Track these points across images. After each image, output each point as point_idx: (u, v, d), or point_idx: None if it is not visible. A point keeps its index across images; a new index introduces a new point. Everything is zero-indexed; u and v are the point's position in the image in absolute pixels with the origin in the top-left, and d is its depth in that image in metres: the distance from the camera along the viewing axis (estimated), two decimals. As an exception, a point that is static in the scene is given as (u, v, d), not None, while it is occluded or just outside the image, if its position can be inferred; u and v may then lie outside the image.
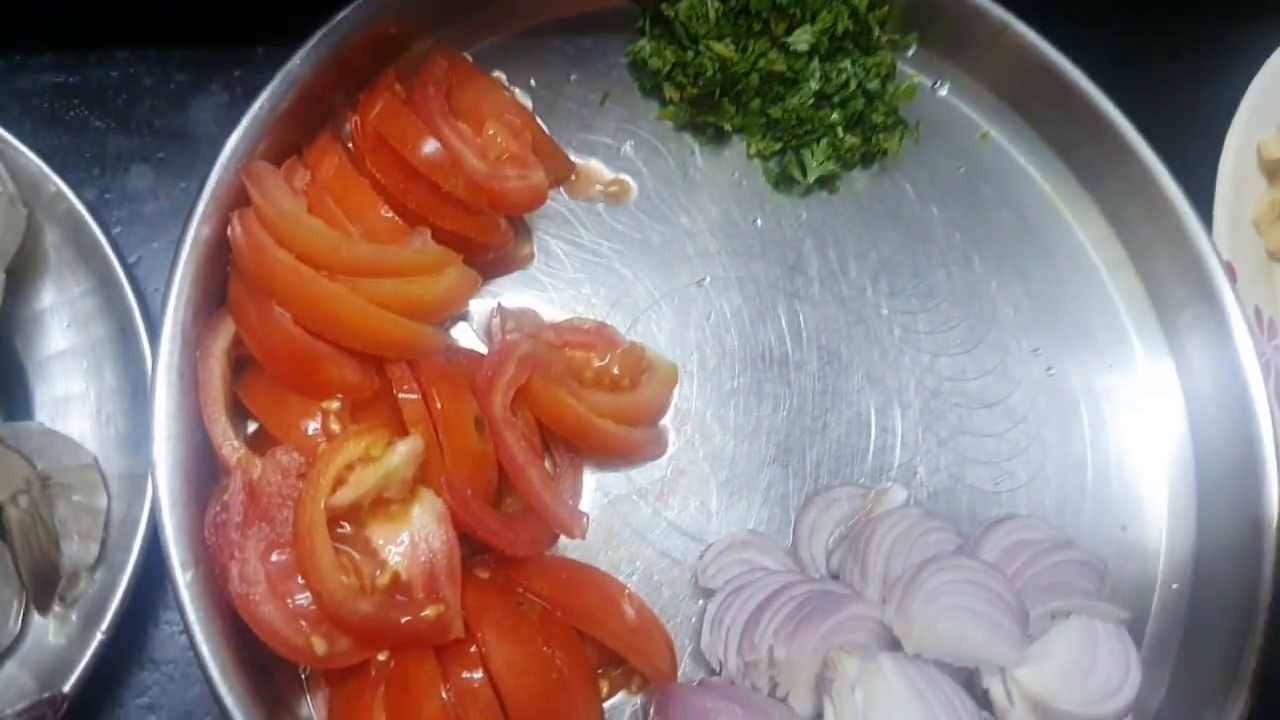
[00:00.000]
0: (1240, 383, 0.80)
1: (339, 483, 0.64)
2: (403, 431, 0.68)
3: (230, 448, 0.66)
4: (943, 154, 0.87)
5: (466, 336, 0.79)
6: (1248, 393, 0.79)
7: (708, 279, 0.83)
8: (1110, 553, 0.80)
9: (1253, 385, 0.79)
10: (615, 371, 0.77)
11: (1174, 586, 0.80)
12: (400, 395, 0.68)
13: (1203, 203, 0.86)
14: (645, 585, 0.76)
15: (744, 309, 0.83)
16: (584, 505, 0.77)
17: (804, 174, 0.84)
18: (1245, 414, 0.79)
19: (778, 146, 0.85)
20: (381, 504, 0.66)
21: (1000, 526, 0.77)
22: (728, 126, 0.85)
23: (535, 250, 0.82)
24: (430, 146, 0.72)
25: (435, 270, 0.71)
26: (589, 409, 0.74)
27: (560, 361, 0.76)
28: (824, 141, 0.84)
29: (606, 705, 0.73)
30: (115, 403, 0.72)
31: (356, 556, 0.66)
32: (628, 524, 0.78)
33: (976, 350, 0.84)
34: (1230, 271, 0.85)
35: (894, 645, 0.71)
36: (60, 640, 0.67)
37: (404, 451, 0.66)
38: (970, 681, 0.71)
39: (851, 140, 0.84)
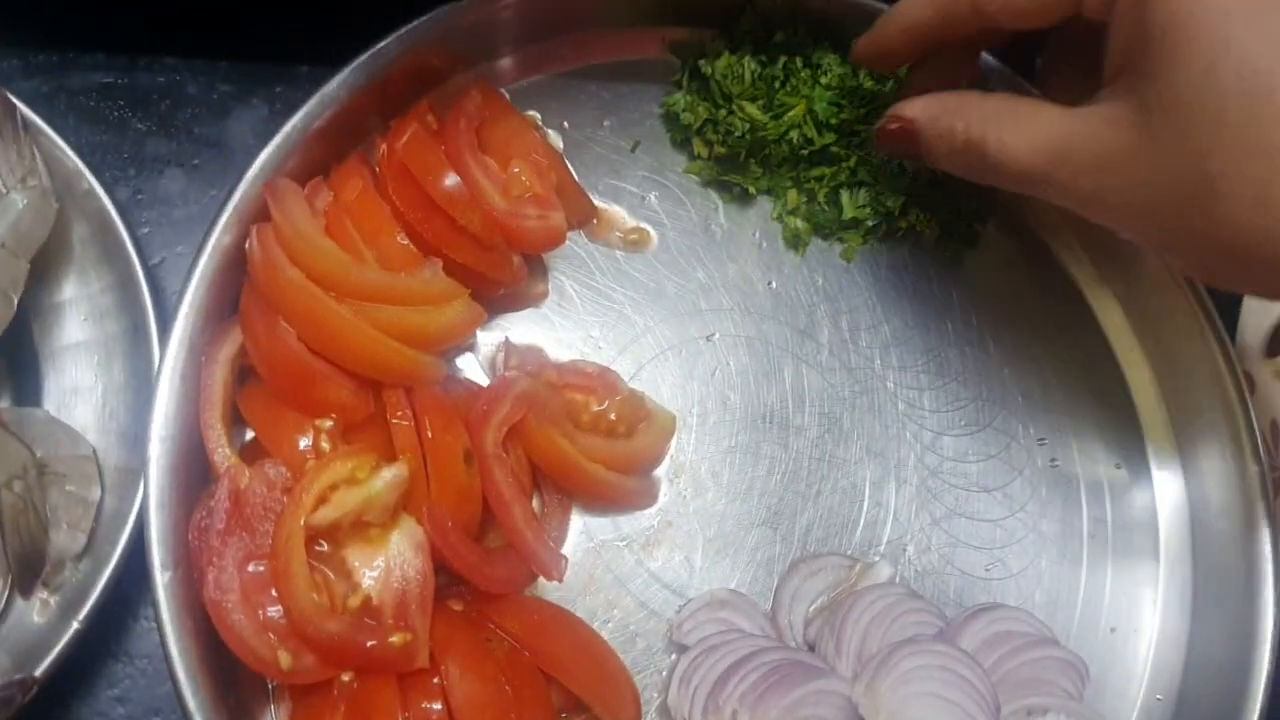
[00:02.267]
0: (1248, 500, 0.78)
1: (321, 501, 0.65)
2: (392, 457, 0.69)
3: (222, 454, 0.68)
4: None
5: (471, 367, 0.80)
6: (1255, 511, 0.78)
7: (717, 335, 0.83)
8: (1095, 655, 0.78)
9: (1259, 507, 0.78)
10: (612, 417, 0.77)
11: (1158, 698, 0.78)
12: (392, 421, 0.69)
13: (1229, 308, 0.85)
14: (620, 633, 0.76)
15: (750, 368, 0.83)
16: (568, 548, 0.77)
17: (839, 214, 0.84)
18: (1249, 531, 0.78)
19: (807, 199, 0.85)
20: (362, 527, 0.67)
21: (984, 615, 0.77)
22: (752, 188, 0.85)
23: (550, 289, 0.83)
24: (450, 180, 0.73)
25: (441, 301, 0.72)
26: (582, 452, 0.75)
27: (558, 402, 0.76)
28: (864, 190, 0.84)
29: (566, 751, 0.73)
30: (120, 398, 0.74)
31: (331, 576, 0.67)
32: (610, 570, 0.78)
33: (981, 433, 0.83)
34: (1248, 382, 0.84)
35: (860, 725, 0.70)
36: (39, 624, 0.68)
37: (388, 477, 0.66)
38: (935, 769, 0.70)
39: (900, 181, 0.84)
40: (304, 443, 0.68)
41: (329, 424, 0.68)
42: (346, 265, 0.69)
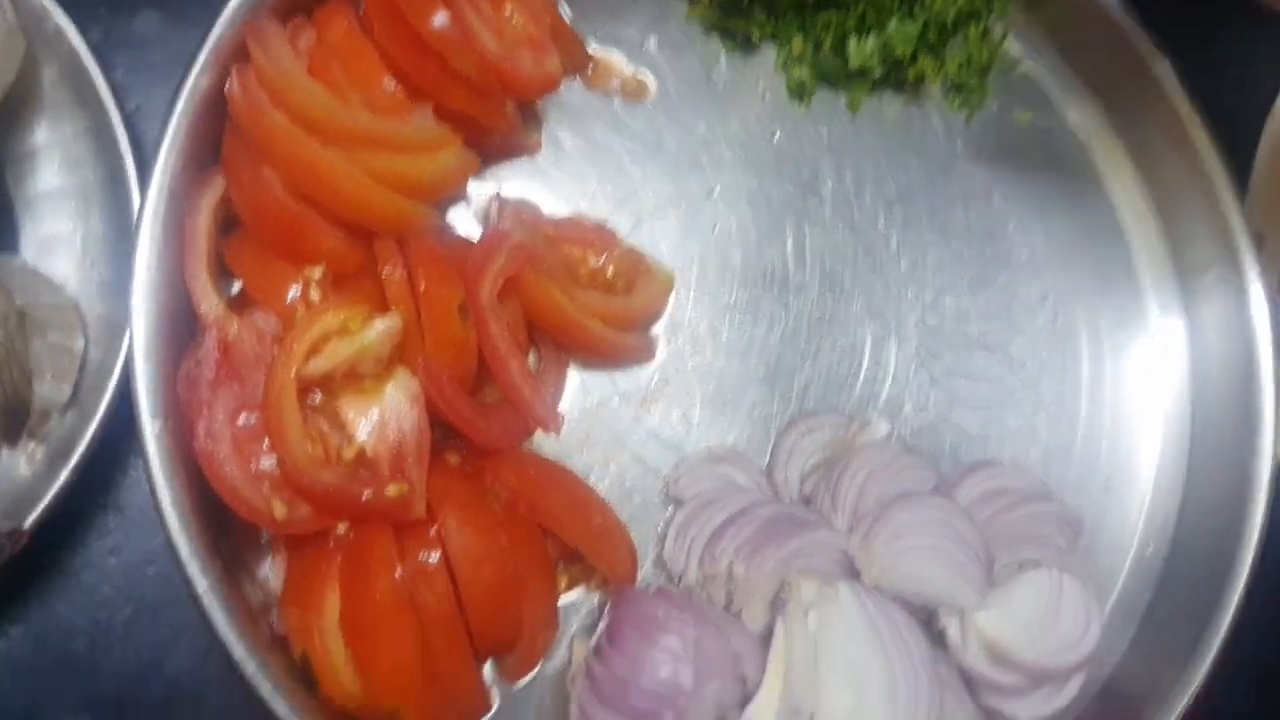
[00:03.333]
0: (1250, 353, 0.78)
1: (313, 352, 0.64)
2: (384, 307, 0.67)
3: (209, 304, 0.66)
4: (976, 85, 0.84)
5: (463, 221, 0.78)
6: (1255, 364, 0.77)
7: (718, 189, 0.81)
8: (1090, 510, 0.79)
9: (1262, 357, 0.77)
10: (610, 272, 0.75)
11: (1149, 550, 0.79)
12: (384, 272, 0.67)
13: (1244, 167, 0.82)
14: (616, 489, 0.76)
15: (751, 225, 0.81)
16: (564, 405, 0.76)
17: (846, 63, 0.80)
18: (1249, 385, 0.78)
19: (813, 46, 0.81)
20: (355, 379, 0.66)
21: (980, 471, 0.77)
22: (755, 35, 0.81)
23: (543, 140, 0.80)
24: (442, 19, 0.69)
25: (433, 149, 0.69)
26: (579, 308, 0.73)
27: (555, 256, 0.74)
28: (874, 35, 0.80)
29: (563, 599, 0.73)
30: (100, 248, 0.71)
31: (325, 428, 0.66)
32: (606, 427, 0.77)
33: (984, 292, 0.82)
34: (1259, 240, 0.82)
35: (855, 576, 0.71)
36: (26, 475, 0.67)
37: (381, 328, 0.65)
38: (928, 621, 0.71)
39: (908, 28, 0.80)
40: (293, 293, 0.66)
41: (319, 273, 0.66)
42: (333, 108, 0.66)
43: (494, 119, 0.73)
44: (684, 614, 0.67)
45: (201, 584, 0.62)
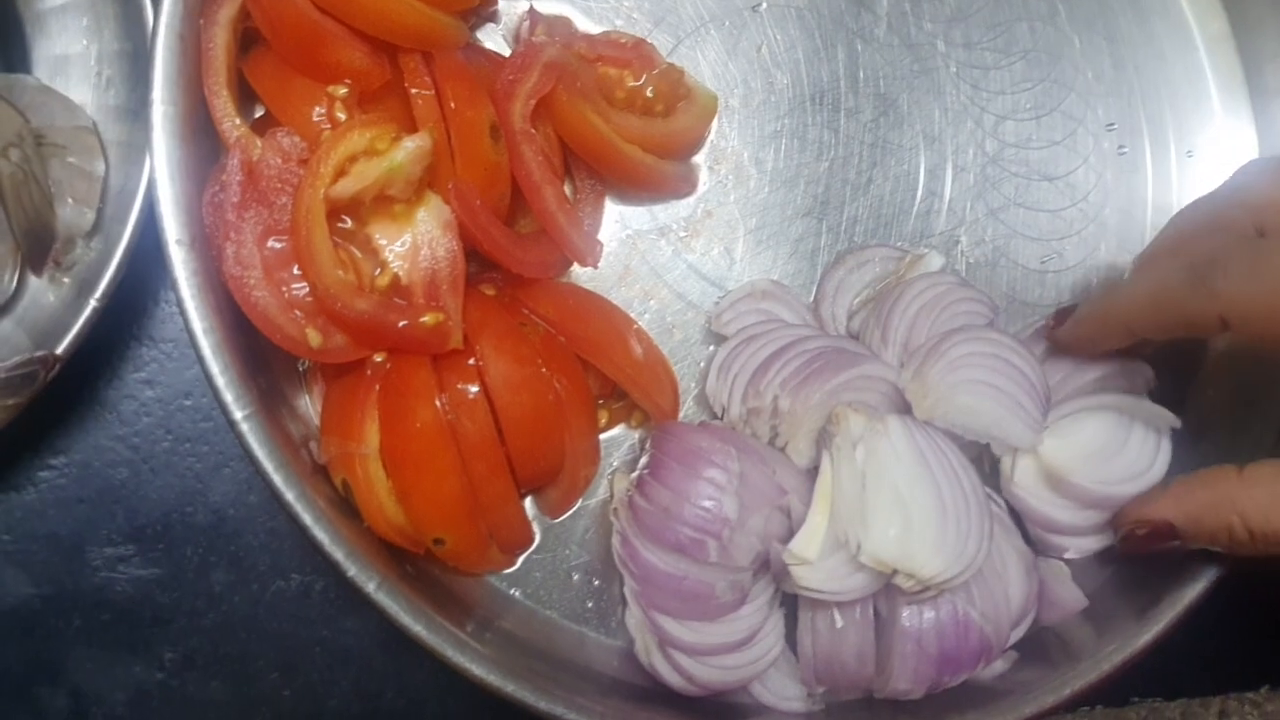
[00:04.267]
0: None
1: (340, 173, 0.61)
2: (412, 129, 0.64)
3: (230, 124, 0.63)
4: (1048, -113, 0.77)
5: (493, 40, 0.73)
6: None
7: (765, 4, 0.76)
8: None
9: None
10: (649, 94, 0.71)
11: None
12: (411, 90, 0.64)
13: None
14: (657, 325, 0.74)
15: (800, 43, 0.76)
16: (602, 236, 0.74)
17: None
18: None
19: None
20: (385, 203, 0.63)
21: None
22: None
23: (571, -50, 0.74)
24: None
25: (460, -48, 0.64)
26: (616, 131, 0.69)
27: (590, 76, 0.70)
28: None
29: (605, 436, 0.72)
30: (116, 67, 0.68)
31: (357, 254, 0.63)
32: (646, 261, 0.74)
33: (1048, 118, 0.77)
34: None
35: (905, 410, 0.68)
36: (55, 303, 0.66)
37: (411, 148, 0.61)
38: (978, 458, 0.69)
39: None
40: (318, 112, 0.63)
41: (344, 91, 0.63)
42: (352, -92, 0.61)
43: (525, -77, 0.68)
44: (728, 445, 0.66)
45: (238, 412, 0.61)
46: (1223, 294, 0.55)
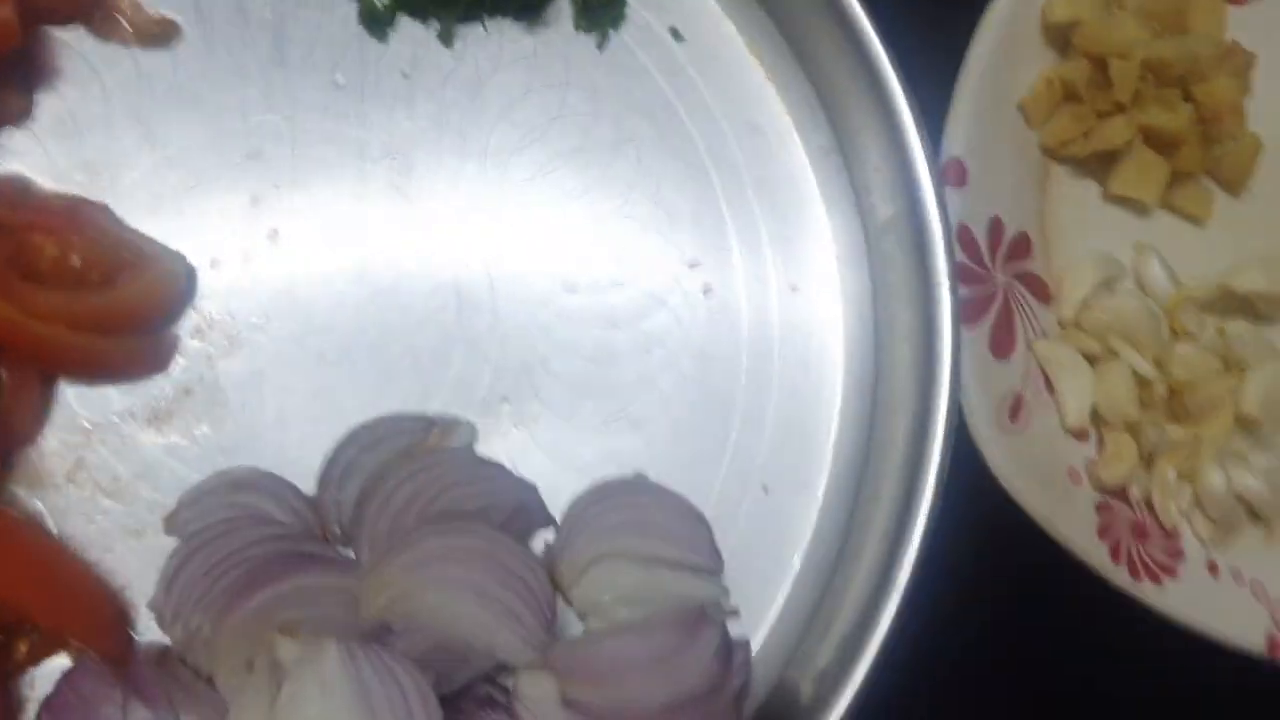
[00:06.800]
0: (931, 323, 0.61)
1: None
2: None
3: None
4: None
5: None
6: (938, 339, 0.60)
7: (265, 150, 0.65)
8: (746, 520, 0.62)
9: (941, 329, 0.60)
10: (76, 263, 0.59)
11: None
12: None
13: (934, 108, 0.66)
14: (118, 530, 0.59)
15: (307, 183, 0.65)
16: (50, 429, 0.60)
17: None
18: (929, 355, 0.60)
19: None
20: None
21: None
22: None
23: (34, 103, 0.64)
24: None
25: None
26: (29, 309, 0.57)
27: (7, 248, 0.58)
28: None
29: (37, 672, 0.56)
30: None
31: None
32: (106, 453, 0.60)
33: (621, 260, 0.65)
34: (957, 171, 0.66)
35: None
36: None
37: None
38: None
39: None
40: None
41: None
42: None
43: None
44: (113, 693, 0.50)
45: None
46: None
